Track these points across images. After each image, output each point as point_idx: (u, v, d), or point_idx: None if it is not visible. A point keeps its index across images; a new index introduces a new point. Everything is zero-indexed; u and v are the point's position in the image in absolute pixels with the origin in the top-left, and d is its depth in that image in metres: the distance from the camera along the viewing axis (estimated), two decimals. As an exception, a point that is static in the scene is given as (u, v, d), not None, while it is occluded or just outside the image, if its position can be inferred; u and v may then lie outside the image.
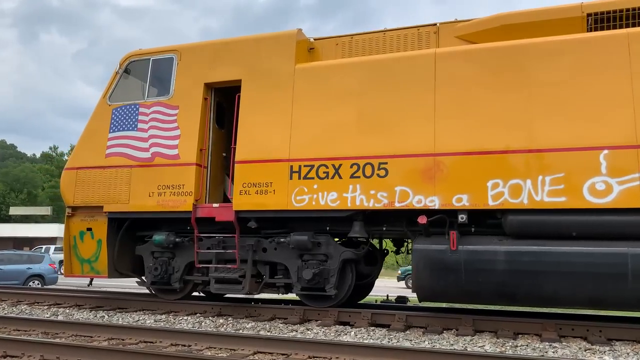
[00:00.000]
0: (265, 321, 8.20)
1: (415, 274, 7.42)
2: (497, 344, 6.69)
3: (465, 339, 6.98)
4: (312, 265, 8.19)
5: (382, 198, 7.59)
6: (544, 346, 6.58)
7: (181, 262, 9.03)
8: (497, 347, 6.58)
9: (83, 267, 9.43)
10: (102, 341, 6.70)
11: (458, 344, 6.73)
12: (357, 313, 8.18)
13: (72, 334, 7.11)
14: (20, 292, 10.87)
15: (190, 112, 8.89)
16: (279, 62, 8.53)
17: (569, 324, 7.36)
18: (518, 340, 6.96)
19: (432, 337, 7.12)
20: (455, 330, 7.64)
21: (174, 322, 8.20)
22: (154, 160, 8.96)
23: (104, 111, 9.54)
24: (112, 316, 8.67)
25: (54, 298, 10.34)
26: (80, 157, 9.50)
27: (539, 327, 7.40)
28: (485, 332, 7.54)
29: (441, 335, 7.22)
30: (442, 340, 6.94)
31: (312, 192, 7.95)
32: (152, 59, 9.43)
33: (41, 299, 10.34)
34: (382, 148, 7.70)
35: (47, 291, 11.67)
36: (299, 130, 8.18)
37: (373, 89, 7.91)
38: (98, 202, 9.21)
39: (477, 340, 6.93)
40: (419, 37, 8.47)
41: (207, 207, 8.71)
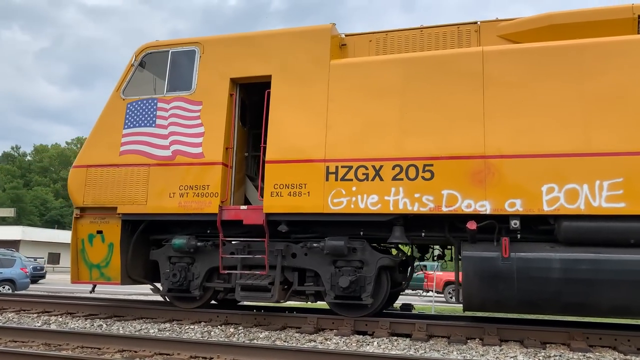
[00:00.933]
0: (278, 330, 7.76)
1: (465, 282, 7.04)
2: (529, 355, 6.43)
3: (494, 349, 6.72)
4: (347, 272, 7.74)
5: (428, 202, 7.21)
6: (577, 357, 6.33)
7: (201, 268, 8.45)
8: (528, 357, 6.30)
9: (92, 273, 8.75)
10: (114, 353, 6.17)
11: (488, 355, 6.43)
12: (375, 322, 7.80)
13: (78, 345, 6.52)
14: (4, 299, 10.07)
15: (215, 108, 8.35)
16: (313, 58, 8.08)
17: (596, 333, 7.15)
18: (549, 350, 6.72)
19: (459, 347, 6.83)
20: (480, 339, 7.34)
21: (180, 331, 7.64)
22: (175, 158, 8.38)
23: (117, 105, 8.90)
24: (110, 325, 8.04)
25: (42, 305, 9.62)
26: (91, 154, 8.84)
27: (565, 337, 7.20)
28: (510, 342, 7.28)
29: (467, 345, 6.93)
30: (471, 350, 6.66)
31: (351, 194, 7.51)
32: (172, 51, 8.86)
33: (27, 306, 9.60)
34: (427, 149, 7.32)
35: (34, 298, 10.88)
36: (335, 129, 7.73)
37: (416, 87, 7.53)
38: (111, 202, 8.56)
39: (507, 350, 6.67)
40: (459, 35, 8.15)
41: (233, 210, 8.17)
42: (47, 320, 8.50)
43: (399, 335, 7.65)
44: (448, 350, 6.70)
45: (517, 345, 7.06)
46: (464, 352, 6.62)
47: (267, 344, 6.60)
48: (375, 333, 7.61)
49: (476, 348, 6.80)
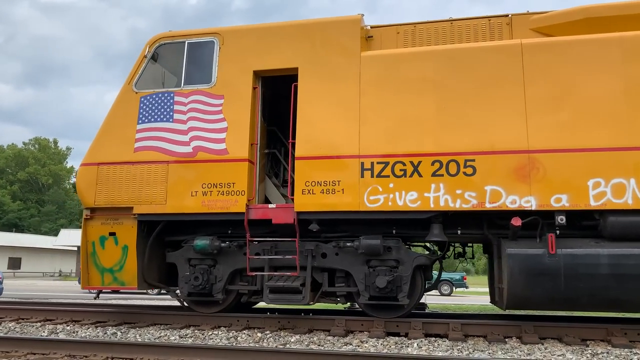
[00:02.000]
0: (306, 334, 7.44)
1: (510, 280, 6.86)
2: (575, 352, 6.32)
3: (538, 347, 6.59)
4: (382, 272, 7.46)
5: (471, 198, 7.00)
6: (625, 354, 6.24)
7: (224, 270, 8.03)
8: (575, 355, 6.20)
9: (104, 278, 8.20)
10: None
11: (535, 354, 6.30)
12: (406, 323, 7.58)
13: (107, 356, 6.01)
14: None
15: (238, 102, 7.94)
16: (343, 50, 7.77)
17: (634, 329, 7.07)
18: (594, 347, 6.63)
19: (501, 346, 6.67)
20: (518, 338, 7.20)
21: (204, 337, 7.21)
22: (196, 155, 7.92)
23: (129, 99, 8.37)
24: (125, 332, 7.54)
25: (42, 313, 9.00)
26: (102, 151, 8.28)
27: (604, 333, 7.13)
28: (548, 339, 7.19)
29: (509, 345, 6.77)
30: (514, 350, 6.52)
31: (388, 191, 7.23)
32: (188, 42, 8.39)
33: (26, 315, 8.97)
34: (468, 144, 7.11)
35: (33, 306, 10.22)
36: (369, 123, 7.44)
37: (453, 80, 7.31)
38: (126, 202, 8.04)
39: (551, 348, 6.55)
40: (490, 28, 7.98)
41: (261, 208, 7.78)
42: (54, 329, 7.92)
43: (433, 335, 7.45)
44: (492, 350, 6.52)
45: (557, 343, 6.95)
46: (508, 351, 6.45)
47: (307, 349, 6.24)
48: (410, 334, 7.37)
49: (520, 347, 6.64)
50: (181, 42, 8.41)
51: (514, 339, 7.17)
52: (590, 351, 6.37)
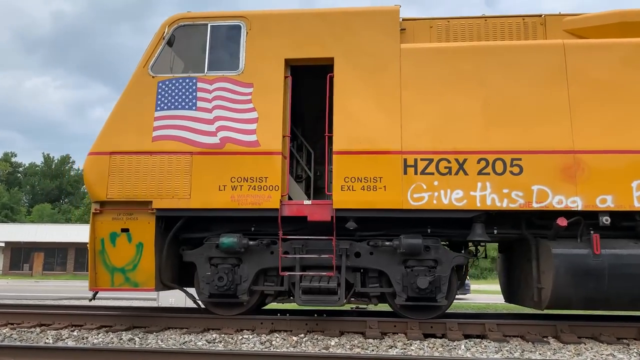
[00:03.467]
0: (337, 336, 7.13)
1: (555, 280, 6.84)
2: (622, 352, 6.38)
3: (586, 347, 6.63)
4: (420, 272, 7.25)
5: (518, 198, 6.92)
6: None
7: (249, 270, 7.54)
8: (623, 354, 6.25)
9: (113, 278, 7.50)
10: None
11: (584, 354, 6.33)
12: (441, 324, 7.44)
13: None
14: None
15: (269, 91, 7.46)
16: (381, 41, 7.47)
17: None
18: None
19: (547, 347, 6.66)
20: (555, 338, 7.24)
21: (234, 342, 6.77)
22: (224, 146, 7.38)
23: (145, 84, 7.68)
24: (143, 338, 6.95)
25: (36, 317, 8.14)
26: (115, 139, 7.55)
27: (635, 331, 7.23)
28: (583, 338, 7.23)
29: (556, 345, 6.78)
30: (563, 350, 6.52)
31: (432, 189, 7.03)
32: (211, 24, 7.80)
33: (16, 319, 8.09)
34: (514, 143, 7.03)
35: (24, 309, 9.25)
36: (411, 119, 7.20)
37: (498, 77, 7.21)
38: (144, 196, 7.37)
39: (597, 348, 6.60)
40: (524, 27, 7.94)
41: (295, 205, 7.35)
42: (58, 335, 7.18)
43: (471, 336, 7.33)
44: (541, 351, 6.48)
45: (597, 342, 6.98)
46: (556, 351, 6.45)
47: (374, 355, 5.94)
48: (448, 335, 7.22)
49: (565, 347, 6.66)
50: (203, 24, 7.81)
51: (552, 339, 7.17)
52: (636, 350, 6.46)
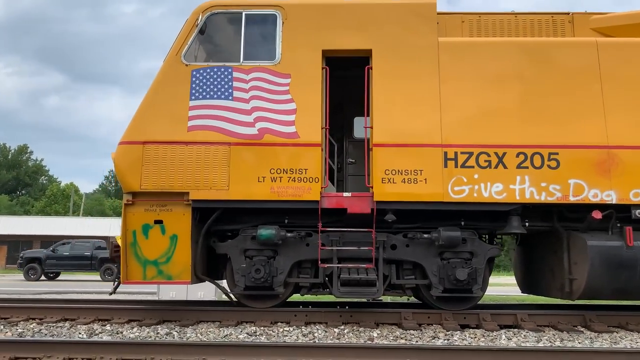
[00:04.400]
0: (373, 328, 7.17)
1: (590, 271, 7.05)
2: None
3: (620, 336, 6.88)
4: (458, 264, 7.35)
5: (555, 191, 7.09)
6: None
7: (285, 262, 7.49)
8: None
9: (146, 271, 7.32)
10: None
11: (620, 343, 6.56)
12: (474, 315, 7.59)
13: (202, 358, 5.36)
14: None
15: (307, 82, 7.40)
16: (420, 34, 7.51)
17: None
18: None
19: (583, 335, 6.87)
20: (585, 327, 7.48)
21: (275, 335, 6.73)
22: (262, 137, 7.28)
23: (178, 72, 7.50)
24: (181, 332, 6.83)
25: (59, 311, 7.89)
26: (148, 127, 7.35)
27: None
28: (611, 327, 7.49)
29: (590, 334, 6.99)
30: (599, 339, 6.74)
31: (473, 182, 7.13)
32: (245, 13, 7.67)
33: (37, 314, 7.82)
34: (551, 137, 7.19)
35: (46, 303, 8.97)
36: (451, 112, 7.28)
37: (534, 73, 7.35)
38: (180, 187, 7.21)
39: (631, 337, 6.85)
40: (553, 24, 8.11)
41: (335, 197, 7.33)
42: (90, 329, 6.98)
43: (503, 326, 7.48)
44: (579, 339, 6.68)
45: (623, 331, 7.23)
46: (593, 340, 6.65)
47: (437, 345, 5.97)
48: (483, 325, 7.36)
49: (601, 336, 6.88)
50: (237, 12, 7.68)
51: (582, 328, 7.37)
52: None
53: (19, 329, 7.00)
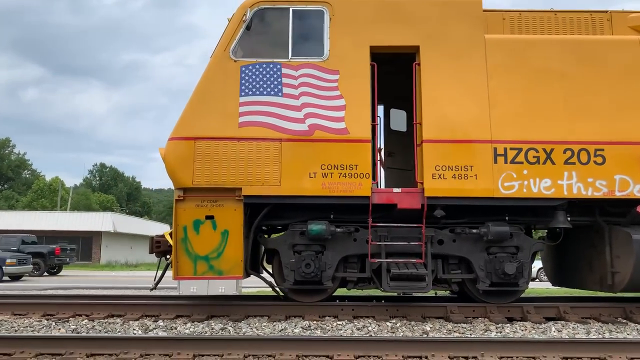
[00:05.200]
0: (419, 321, 7.33)
1: (635, 264, 7.23)
2: None
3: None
4: (505, 258, 7.48)
5: (601, 187, 7.25)
6: None
7: (333, 257, 7.55)
8: None
9: (196, 267, 7.34)
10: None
11: None
12: (518, 308, 7.75)
13: (249, 353, 5.38)
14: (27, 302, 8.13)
15: (356, 79, 7.45)
16: (467, 31, 7.60)
17: None
18: None
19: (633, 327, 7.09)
20: (627, 318, 7.67)
21: (330, 328, 6.82)
22: (313, 133, 7.32)
23: (227, 68, 7.49)
24: (235, 327, 6.92)
25: (106, 308, 7.86)
26: (199, 124, 7.34)
27: None
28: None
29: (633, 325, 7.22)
30: None
31: (522, 178, 7.25)
32: (292, 9, 7.68)
33: (84, 310, 7.79)
34: (597, 134, 7.34)
35: (90, 299, 8.94)
36: (499, 108, 7.38)
37: (580, 70, 7.49)
38: (233, 183, 7.23)
39: None
40: (592, 22, 8.23)
41: (385, 192, 7.41)
42: (143, 325, 7.01)
43: (549, 319, 7.64)
44: (627, 331, 6.91)
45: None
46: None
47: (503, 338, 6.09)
48: (528, 318, 7.51)
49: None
50: (284, 8, 7.68)
51: (623, 320, 7.56)
52: None
53: (71, 325, 6.98)
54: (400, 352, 5.31)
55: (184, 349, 5.31)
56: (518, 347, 5.36)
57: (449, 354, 5.31)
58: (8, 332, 6.65)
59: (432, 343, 5.40)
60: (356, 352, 5.32)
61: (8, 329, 6.85)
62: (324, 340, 5.48)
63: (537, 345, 5.37)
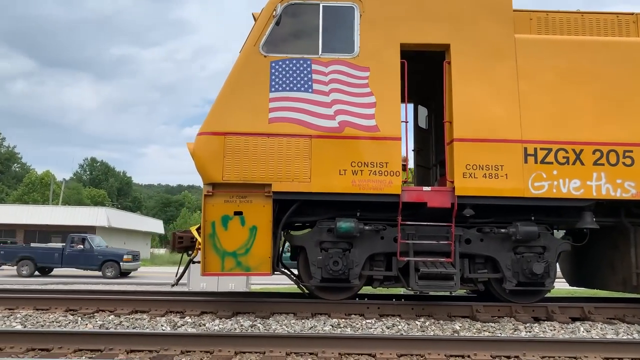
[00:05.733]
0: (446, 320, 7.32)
1: (661, 266, 7.29)
2: None
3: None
4: (532, 258, 7.49)
5: (630, 188, 7.28)
6: None
7: (360, 255, 7.52)
8: None
9: (224, 263, 7.26)
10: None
11: None
12: (542, 307, 7.77)
13: (289, 351, 5.36)
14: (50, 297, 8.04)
15: (386, 76, 7.42)
16: (497, 30, 7.59)
17: None
18: None
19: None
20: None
21: (360, 327, 6.81)
22: (343, 130, 7.28)
23: (257, 63, 7.43)
24: (265, 324, 6.87)
25: (131, 304, 7.78)
26: (229, 118, 7.27)
27: None
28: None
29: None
30: None
31: (552, 178, 7.27)
32: (323, 5, 7.62)
33: (108, 306, 7.70)
34: (626, 135, 7.38)
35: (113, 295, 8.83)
36: (530, 108, 7.39)
37: (610, 72, 7.52)
38: (263, 179, 7.17)
39: None
40: (618, 24, 8.26)
41: (415, 191, 7.38)
42: (170, 321, 6.93)
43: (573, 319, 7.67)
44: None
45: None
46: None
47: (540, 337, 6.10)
48: (554, 318, 7.53)
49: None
50: (315, 4, 7.62)
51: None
52: None
53: (97, 320, 6.90)
54: (442, 351, 5.31)
55: (225, 346, 5.27)
56: (560, 346, 5.37)
57: (491, 352, 5.31)
58: (34, 327, 6.57)
59: (474, 342, 5.39)
60: (399, 350, 5.31)
61: (34, 324, 6.76)
62: (366, 338, 5.45)
63: (579, 345, 5.38)
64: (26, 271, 22.03)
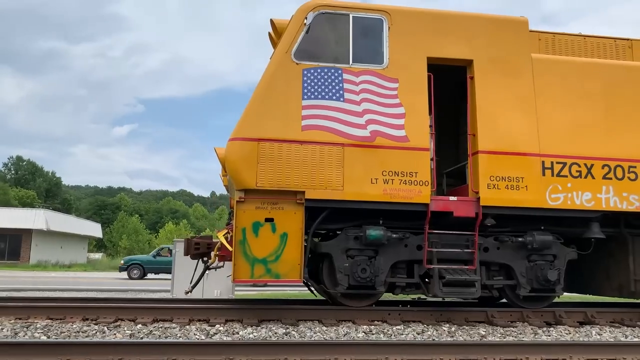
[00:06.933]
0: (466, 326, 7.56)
1: (662, 274, 7.90)
2: None
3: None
4: (545, 266, 7.92)
5: (634, 201, 7.86)
6: None
7: (385, 262, 7.68)
8: None
9: (254, 269, 7.22)
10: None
11: None
12: (550, 312, 8.23)
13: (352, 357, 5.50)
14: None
15: (415, 88, 7.64)
16: (516, 49, 8.01)
17: None
18: None
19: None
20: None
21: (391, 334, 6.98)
22: (374, 140, 7.42)
23: (289, 70, 7.45)
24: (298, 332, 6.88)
25: (151, 312, 7.54)
26: (262, 125, 7.24)
27: None
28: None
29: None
30: None
31: (567, 190, 7.73)
32: (353, 15, 7.76)
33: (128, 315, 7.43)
34: (630, 152, 7.96)
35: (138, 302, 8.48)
36: (546, 124, 7.84)
37: (618, 93, 8.09)
38: (296, 186, 7.19)
39: None
40: (616, 48, 8.90)
41: (442, 200, 7.63)
42: (201, 329, 6.80)
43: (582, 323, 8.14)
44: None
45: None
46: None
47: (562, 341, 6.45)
48: (563, 321, 7.95)
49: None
50: (344, 14, 7.74)
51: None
52: None
53: (126, 330, 6.67)
54: (498, 355, 5.53)
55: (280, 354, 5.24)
56: (602, 349, 5.73)
57: (542, 356, 5.59)
58: (57, 338, 6.27)
59: (527, 346, 5.66)
60: (458, 355, 5.48)
61: (57, 334, 6.45)
62: (426, 344, 5.60)
63: (619, 348, 5.76)
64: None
